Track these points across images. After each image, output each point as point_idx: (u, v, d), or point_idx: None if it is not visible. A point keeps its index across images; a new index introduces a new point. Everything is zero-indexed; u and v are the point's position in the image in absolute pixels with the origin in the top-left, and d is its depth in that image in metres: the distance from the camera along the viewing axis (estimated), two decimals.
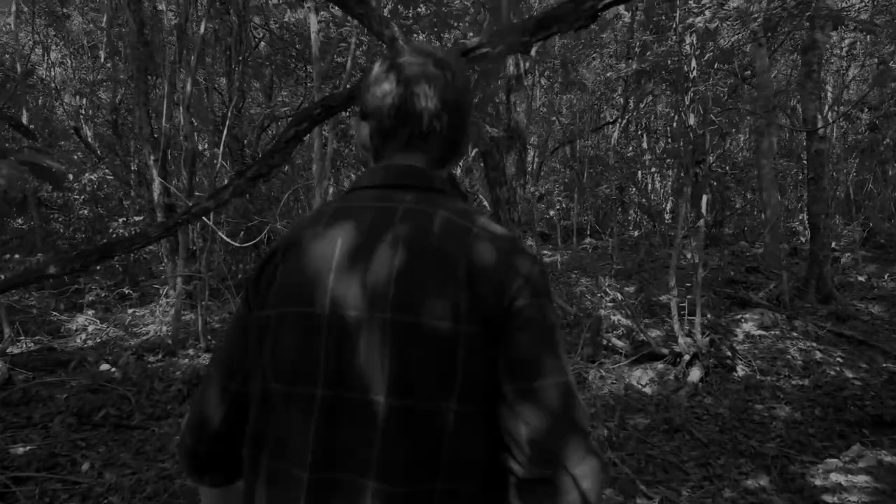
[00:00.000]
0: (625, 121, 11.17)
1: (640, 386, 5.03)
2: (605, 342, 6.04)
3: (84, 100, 14.15)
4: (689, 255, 9.49)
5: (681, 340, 5.13)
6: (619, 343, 5.88)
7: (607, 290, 6.02)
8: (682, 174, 10.50)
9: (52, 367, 5.16)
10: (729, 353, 5.16)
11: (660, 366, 5.37)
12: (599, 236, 11.80)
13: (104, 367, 5.17)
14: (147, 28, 7.46)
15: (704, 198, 5.39)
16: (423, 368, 0.79)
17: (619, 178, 10.40)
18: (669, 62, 5.11)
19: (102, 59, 11.76)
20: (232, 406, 0.92)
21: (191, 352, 5.76)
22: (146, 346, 5.69)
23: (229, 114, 5.63)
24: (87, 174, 6.63)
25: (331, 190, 11.86)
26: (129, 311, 6.87)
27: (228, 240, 5.12)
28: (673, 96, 10.92)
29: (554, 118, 13.87)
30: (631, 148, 11.44)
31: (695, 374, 4.88)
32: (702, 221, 5.31)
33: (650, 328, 6.31)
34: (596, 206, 11.48)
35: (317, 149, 4.62)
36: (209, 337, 6.07)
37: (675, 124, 11.02)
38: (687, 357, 4.94)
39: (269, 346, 0.86)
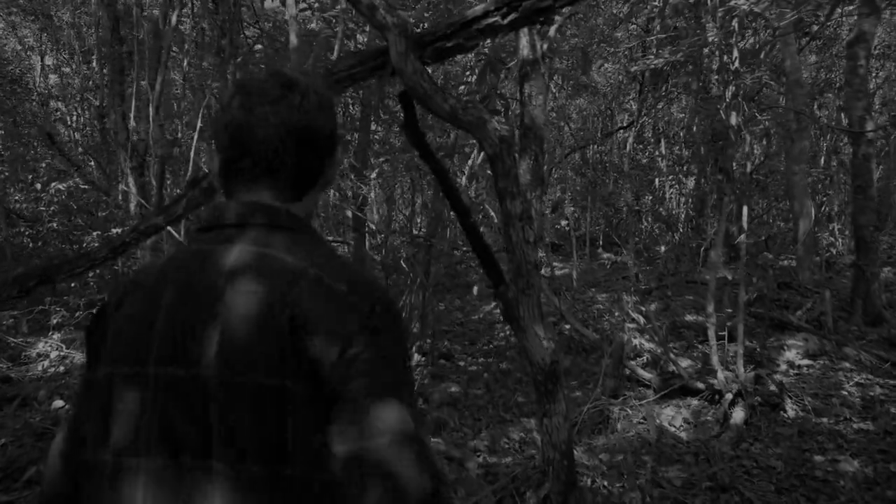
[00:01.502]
0: (638, 125, 10.51)
1: (673, 428, 4.33)
2: (627, 372, 5.35)
3: (71, 106, 13.64)
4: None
5: (720, 375, 4.43)
6: (646, 374, 5.18)
7: (630, 311, 5.33)
8: (706, 180, 9.87)
9: None
10: (775, 389, 4.45)
11: (694, 402, 4.66)
12: (615, 248, 11.11)
13: (58, 403, 4.52)
14: (123, 26, 6.85)
15: (745, 209, 4.70)
16: (252, 431, 0.73)
17: (634, 185, 9.73)
18: (706, 51, 4.47)
19: (94, 64, 11.24)
20: (67, 477, 0.86)
21: None
22: None
23: (199, 116, 5.00)
24: (54, 183, 6.05)
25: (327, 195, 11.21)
26: None
27: None
28: (690, 98, 10.26)
29: (563, 123, 13.23)
30: (647, 154, 10.77)
31: (738, 415, 4.18)
32: (743, 236, 4.62)
33: (679, 356, 5.60)
34: (609, 215, 10.81)
35: None
36: None
37: (694, 128, 10.34)
38: (729, 396, 4.24)
39: (99, 411, 0.80)
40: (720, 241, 4.44)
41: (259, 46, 9.81)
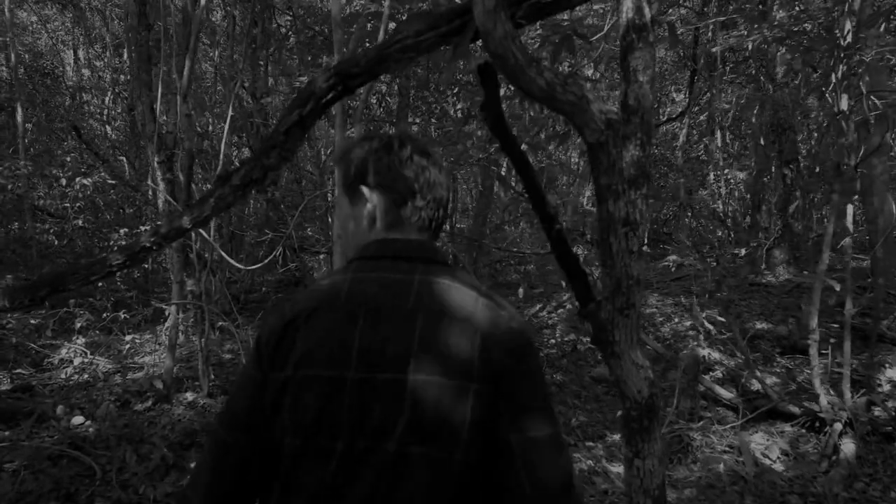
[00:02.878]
0: (692, 115, 9.83)
1: (767, 460, 3.75)
2: (702, 389, 4.77)
3: (106, 99, 13.44)
4: (775, 274, 8.09)
5: (823, 400, 3.83)
6: (725, 393, 4.60)
7: (704, 321, 4.75)
8: (769, 175, 9.16)
9: (11, 418, 4.15)
10: (885, 415, 3.84)
11: (788, 429, 4.08)
12: (660, 246, 10.45)
13: (77, 419, 4.13)
14: (150, 11, 6.44)
15: (850, 208, 4.09)
16: (438, 422, 0.89)
17: (688, 180, 9.08)
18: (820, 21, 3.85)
19: (125, 56, 10.97)
20: (241, 465, 0.97)
21: (189, 396, 4.70)
22: (135, 388, 4.65)
23: (230, 106, 4.57)
24: (78, 178, 5.70)
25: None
26: (128, 337, 5.85)
27: (232, 261, 4.05)
28: (746, 86, 9.54)
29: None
30: (701, 146, 10.07)
31: (848, 447, 3.58)
32: (848, 239, 4.01)
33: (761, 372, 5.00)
34: (657, 210, 10.16)
35: (337, 146, 3.51)
36: (212, 377, 4.99)
37: (753, 118, 9.62)
38: (838, 426, 3.64)
39: (289, 405, 0.93)
40: (828, 243, 3.83)
41: (293, 37, 9.40)
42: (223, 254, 4.04)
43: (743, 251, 7.20)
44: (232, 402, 1.00)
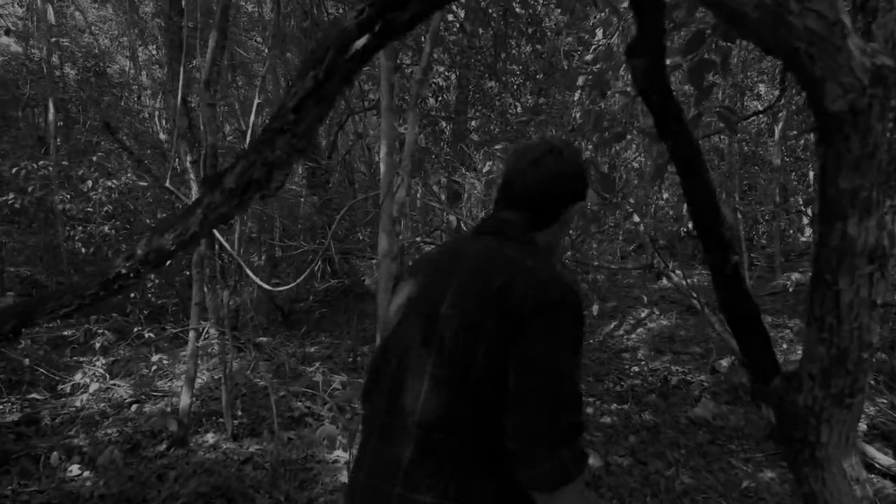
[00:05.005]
0: (787, 107, 8.56)
1: None
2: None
3: (158, 99, 13.16)
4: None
5: None
6: (883, 458, 3.54)
7: None
8: None
9: (3, 463, 3.50)
10: None
11: None
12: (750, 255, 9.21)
13: (73, 468, 3.46)
14: None
15: None
16: (455, 353, 1.07)
17: (786, 180, 7.88)
18: None
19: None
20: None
21: (210, 438, 3.97)
22: (148, 427, 3.95)
23: (257, 93, 3.82)
24: (101, 180, 5.13)
25: (410, 200, 9.97)
26: (155, 357, 5.21)
27: (260, 281, 3.29)
28: None
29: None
30: (802, 143, 8.80)
31: None
32: None
33: None
34: (747, 214, 8.94)
35: (384, 137, 2.67)
36: (239, 413, 4.26)
37: None
38: None
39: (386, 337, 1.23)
40: None
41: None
42: (246, 268, 3.29)
43: None
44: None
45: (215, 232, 3.94)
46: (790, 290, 5.58)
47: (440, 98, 7.59)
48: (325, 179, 8.77)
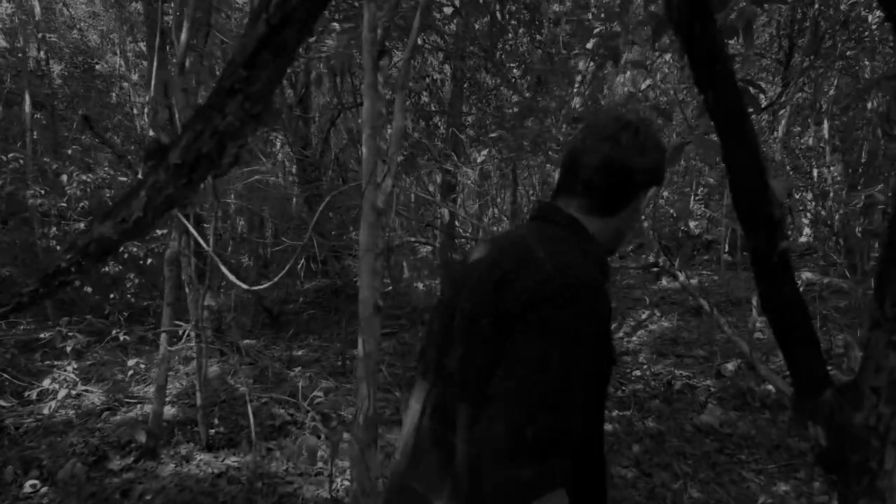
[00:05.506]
0: (791, 102, 8.33)
1: None
2: None
3: (149, 95, 12.86)
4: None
5: None
6: None
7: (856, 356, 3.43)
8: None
9: None
10: None
11: None
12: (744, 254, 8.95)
13: (30, 483, 3.17)
14: None
15: None
16: (463, 335, 1.01)
17: (789, 177, 7.66)
18: None
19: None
20: None
21: (183, 450, 3.68)
22: (116, 438, 3.67)
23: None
24: (76, 174, 4.85)
25: (404, 197, 9.68)
26: (132, 361, 4.92)
27: (237, 280, 3.00)
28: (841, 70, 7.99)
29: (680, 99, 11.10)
30: (804, 139, 8.55)
31: None
32: None
33: None
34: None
35: (366, 118, 2.40)
36: (216, 422, 3.98)
37: (870, 104, 8.08)
38: None
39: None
40: None
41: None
42: (222, 266, 3.01)
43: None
44: None
45: (189, 226, 3.66)
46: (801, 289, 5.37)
47: (434, 92, 7.33)
48: (316, 176, 8.50)
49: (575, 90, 4.86)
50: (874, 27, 6.51)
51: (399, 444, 1.12)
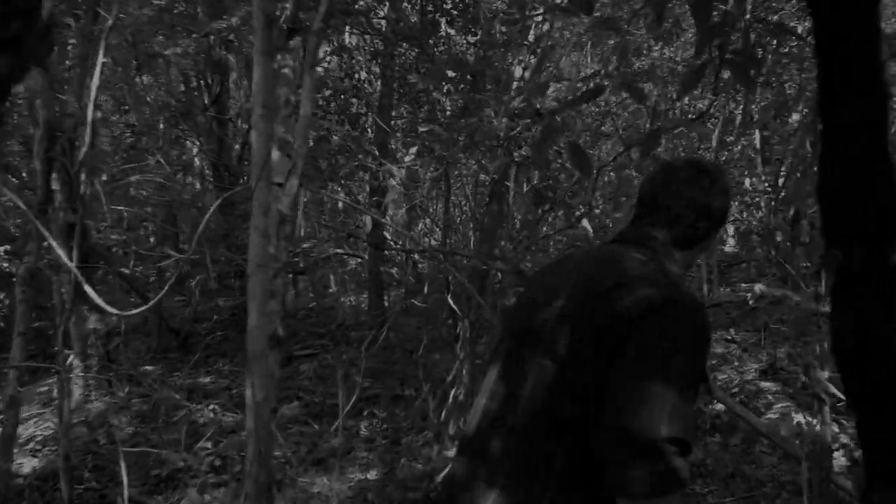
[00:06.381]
0: (721, 112, 8.32)
1: None
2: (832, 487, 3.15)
3: None
4: None
5: None
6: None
7: (828, 387, 3.15)
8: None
9: None
10: None
11: None
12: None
13: None
14: None
15: None
16: (546, 345, 1.09)
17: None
18: None
19: None
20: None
21: None
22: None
23: (99, 58, 2.89)
24: None
25: (328, 203, 9.05)
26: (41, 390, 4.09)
27: (102, 303, 2.36)
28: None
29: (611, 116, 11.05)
30: (738, 149, 8.52)
31: None
32: None
33: None
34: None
35: (256, 94, 1.86)
36: (86, 475, 3.27)
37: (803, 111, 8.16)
38: None
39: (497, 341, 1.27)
40: None
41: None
42: (85, 284, 2.37)
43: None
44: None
45: (50, 239, 2.97)
46: (750, 302, 5.13)
47: (361, 91, 6.79)
48: (231, 182, 7.79)
49: (514, 85, 4.46)
50: (806, 36, 6.48)
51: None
